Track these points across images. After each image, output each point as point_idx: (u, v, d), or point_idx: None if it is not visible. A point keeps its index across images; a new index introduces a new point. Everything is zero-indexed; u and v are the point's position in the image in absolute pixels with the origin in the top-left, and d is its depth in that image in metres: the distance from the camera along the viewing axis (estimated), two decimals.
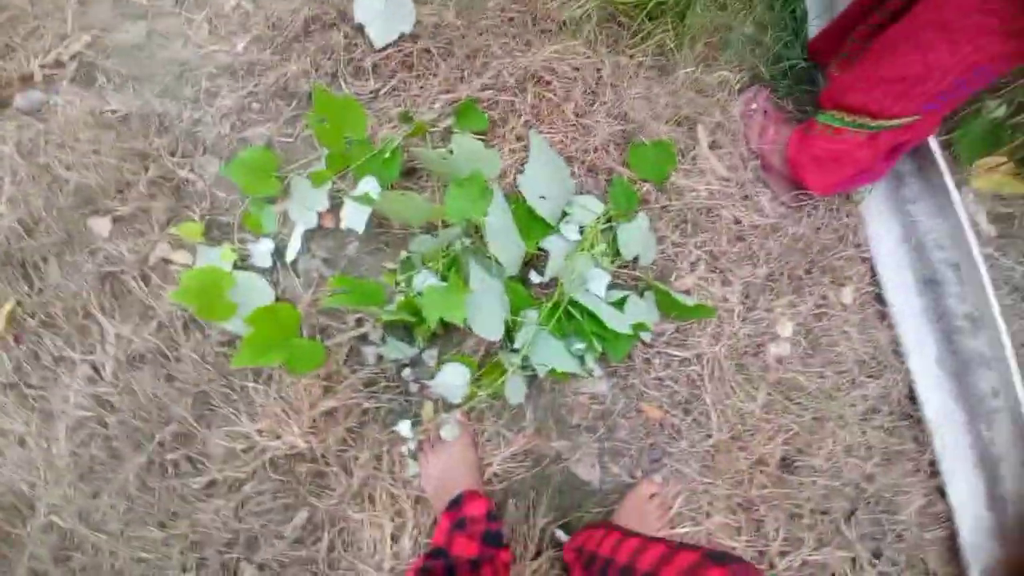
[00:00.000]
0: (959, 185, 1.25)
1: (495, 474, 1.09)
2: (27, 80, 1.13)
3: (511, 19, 1.17)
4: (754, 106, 1.20)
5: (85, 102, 1.11)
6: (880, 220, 1.21)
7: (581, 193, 1.15)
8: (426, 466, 1.06)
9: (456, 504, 0.98)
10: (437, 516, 1.04)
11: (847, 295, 1.20)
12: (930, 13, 0.86)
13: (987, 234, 1.28)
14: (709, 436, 1.11)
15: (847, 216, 1.20)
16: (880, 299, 1.20)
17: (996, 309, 1.10)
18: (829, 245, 1.19)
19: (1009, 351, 1.08)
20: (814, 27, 1.21)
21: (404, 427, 1.06)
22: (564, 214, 1.09)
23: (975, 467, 1.11)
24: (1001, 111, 1.22)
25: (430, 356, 1.10)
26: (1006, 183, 1.29)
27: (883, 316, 1.19)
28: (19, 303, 1.02)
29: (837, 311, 1.18)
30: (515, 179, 1.11)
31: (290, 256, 1.09)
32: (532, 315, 0.98)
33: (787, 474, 1.12)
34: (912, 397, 1.17)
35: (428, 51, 1.15)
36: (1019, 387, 1.06)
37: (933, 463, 1.14)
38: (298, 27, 1.18)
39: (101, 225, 1.06)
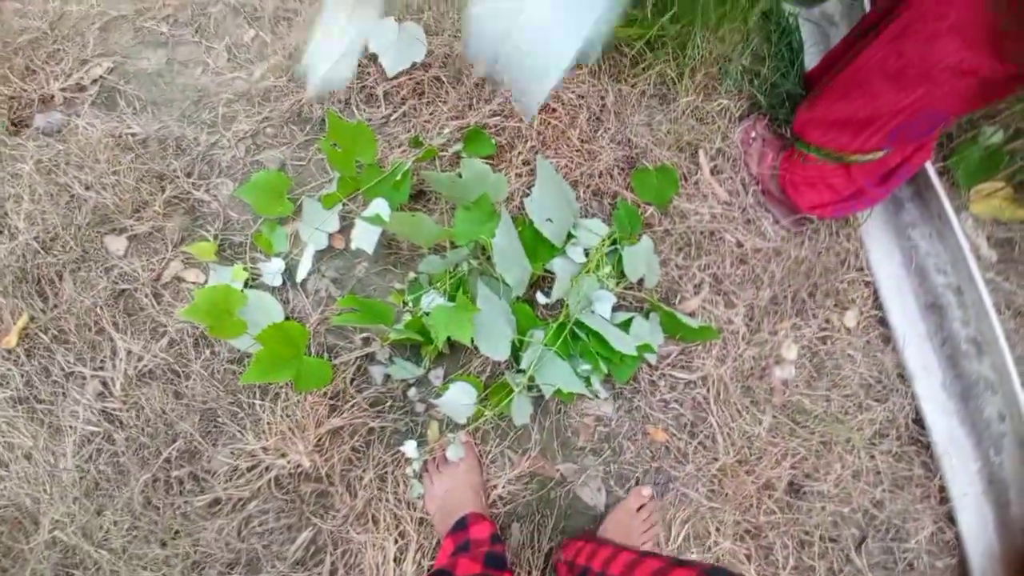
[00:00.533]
0: (958, 210, 1.27)
1: (500, 496, 1.08)
2: (47, 102, 1.18)
3: None
4: (753, 134, 1.24)
5: (105, 125, 1.15)
6: (881, 244, 1.23)
7: (586, 216, 1.17)
8: (431, 487, 1.05)
9: (460, 527, 0.97)
10: (440, 538, 1.03)
11: (851, 319, 1.20)
12: (883, 61, 0.91)
13: (988, 259, 1.29)
14: (715, 459, 1.10)
15: (848, 240, 1.21)
16: (884, 322, 1.21)
17: (1000, 333, 1.10)
18: (831, 268, 1.21)
19: (1014, 376, 1.08)
20: (810, 57, 1.25)
21: (410, 447, 1.05)
22: (570, 236, 1.11)
23: (984, 493, 1.10)
24: (998, 137, 1.25)
25: (436, 376, 1.11)
26: (1005, 208, 1.31)
27: (887, 339, 1.20)
28: (32, 318, 1.03)
29: (841, 334, 1.19)
30: (522, 202, 1.14)
31: (300, 276, 1.11)
32: (539, 336, 0.99)
33: (795, 499, 1.11)
34: (919, 422, 1.16)
35: (438, 79, 1.19)
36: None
37: (943, 489, 1.12)
38: None
39: (117, 243, 1.09)
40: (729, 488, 1.08)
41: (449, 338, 1.05)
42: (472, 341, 0.93)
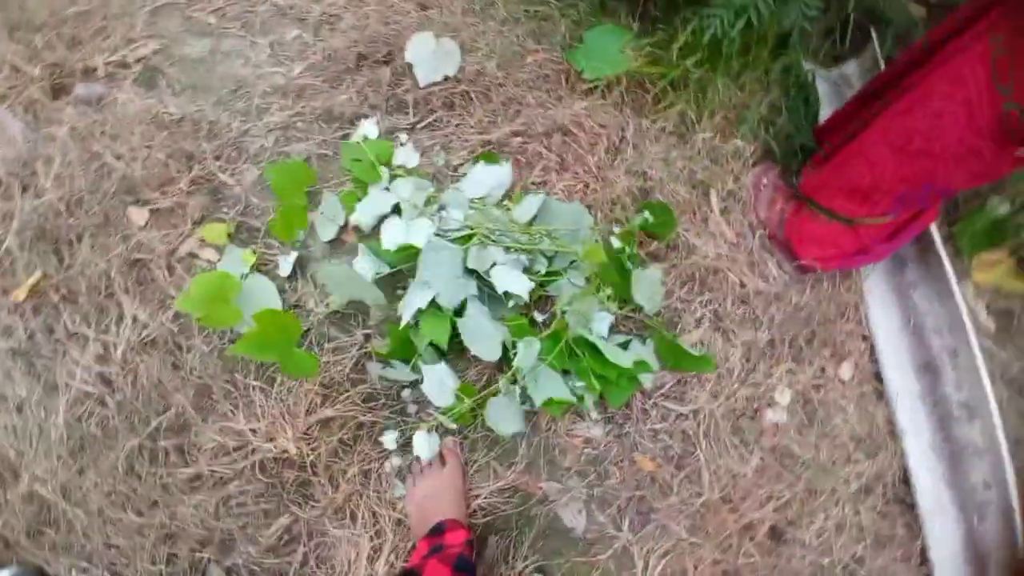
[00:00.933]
0: (960, 276, 1.29)
1: (480, 506, 1.07)
2: (89, 73, 1.22)
3: (546, 76, 1.27)
4: (764, 181, 1.27)
5: (144, 101, 1.19)
6: (881, 301, 1.25)
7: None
8: (412, 489, 1.05)
9: (437, 531, 0.97)
10: (416, 541, 1.02)
11: (846, 370, 1.21)
12: (888, 132, 0.95)
13: (987, 328, 1.30)
14: (700, 494, 1.10)
15: (849, 292, 1.23)
16: (878, 377, 1.22)
17: (992, 402, 1.11)
18: (831, 318, 1.22)
19: (1003, 446, 1.09)
20: (824, 114, 1.30)
21: (390, 438, 1.06)
22: (572, 262, 1.13)
23: (966, 561, 1.09)
24: (1004, 208, 1.28)
25: None
26: (1006, 279, 1.33)
27: (880, 395, 1.20)
28: (45, 275, 1.06)
29: (835, 384, 1.20)
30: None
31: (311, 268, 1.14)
32: (534, 345, 1.01)
33: (776, 545, 1.10)
34: (906, 480, 1.16)
35: (467, 94, 1.24)
36: (1011, 484, 1.06)
37: (924, 551, 1.11)
38: (351, 61, 1.28)
39: (139, 215, 1.12)
40: (711, 525, 1.08)
41: (445, 348, 1.07)
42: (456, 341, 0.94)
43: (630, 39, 1.20)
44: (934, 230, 1.21)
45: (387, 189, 1.15)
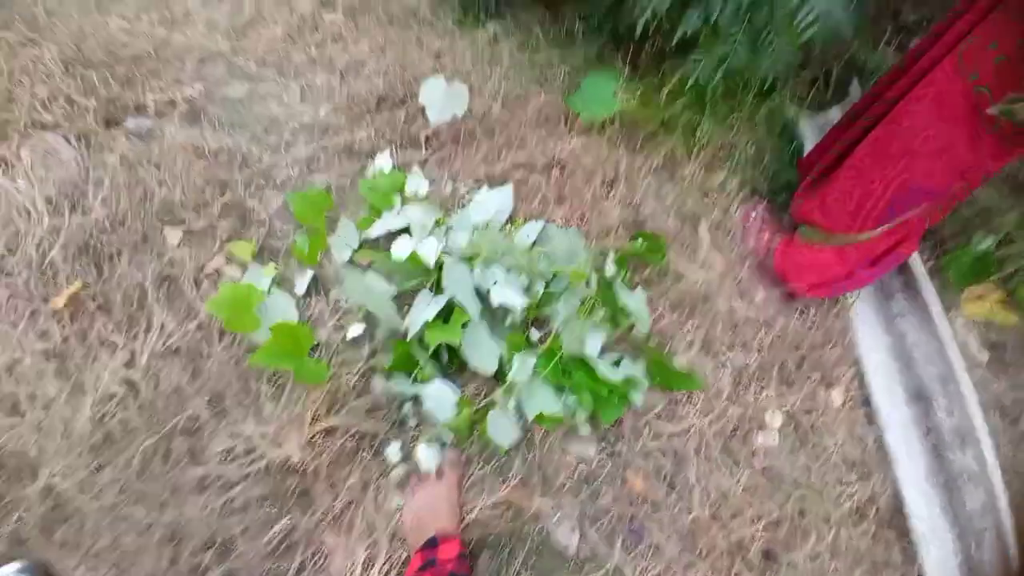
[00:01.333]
0: (949, 308, 1.33)
1: (475, 520, 1.10)
2: (140, 108, 1.37)
3: (547, 116, 1.39)
4: (753, 214, 1.35)
5: (187, 134, 1.33)
6: (870, 329, 1.29)
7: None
8: (410, 500, 1.09)
9: (431, 544, 1.00)
10: (411, 553, 1.04)
11: (836, 396, 1.24)
12: (873, 143, 1.02)
13: (979, 359, 1.32)
14: (690, 511, 1.11)
15: (836, 319, 1.28)
16: (869, 402, 1.24)
17: (983, 429, 1.12)
18: (819, 344, 1.26)
19: (997, 474, 1.09)
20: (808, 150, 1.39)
21: (393, 450, 1.10)
22: (568, 284, 1.20)
23: None
24: (988, 242, 1.33)
25: None
26: (996, 312, 1.36)
27: (871, 419, 1.22)
28: (85, 285, 1.16)
29: (826, 409, 1.22)
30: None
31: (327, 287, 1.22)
32: (529, 360, 1.06)
33: (770, 565, 1.10)
34: (899, 506, 1.15)
35: (474, 132, 1.36)
36: (1003, 511, 1.05)
37: None
38: (372, 103, 1.42)
39: (174, 234, 1.23)
40: (701, 542, 1.08)
41: (445, 362, 1.13)
42: (461, 351, 1.00)
43: (622, 84, 1.32)
44: (918, 262, 1.26)
45: (399, 214, 1.25)
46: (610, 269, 1.18)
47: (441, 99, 1.34)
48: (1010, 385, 1.28)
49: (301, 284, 1.23)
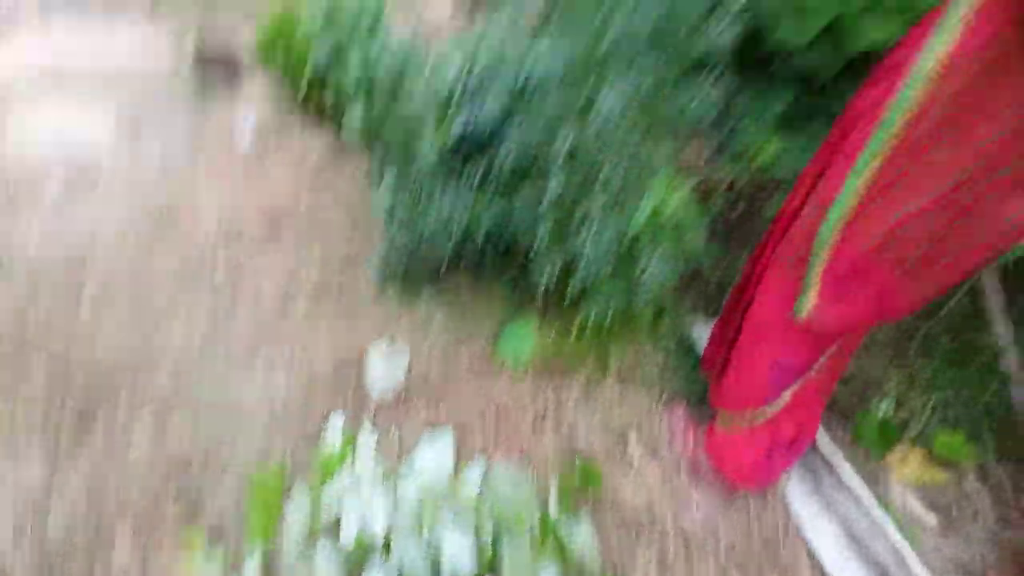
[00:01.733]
0: (878, 475, 1.40)
1: None
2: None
3: (480, 366, 1.59)
4: (675, 418, 1.49)
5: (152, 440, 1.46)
6: (812, 514, 1.33)
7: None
8: None
9: None
10: None
11: None
12: (744, 333, 1.23)
13: (928, 523, 1.35)
14: None
15: (774, 512, 1.33)
16: None
17: None
18: (772, 540, 1.29)
19: None
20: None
21: None
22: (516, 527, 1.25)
23: None
24: (885, 406, 1.47)
25: None
26: (925, 472, 1.43)
27: None
28: None
29: None
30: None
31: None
32: None
33: None
34: None
35: (416, 387, 1.54)
36: None
37: None
38: (328, 372, 1.60)
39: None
40: None
41: None
42: None
43: (539, 327, 1.56)
44: (825, 443, 1.37)
45: (351, 467, 1.34)
46: (553, 510, 1.24)
47: (384, 363, 1.54)
48: (964, 542, 1.30)
49: (249, 571, 1.23)
